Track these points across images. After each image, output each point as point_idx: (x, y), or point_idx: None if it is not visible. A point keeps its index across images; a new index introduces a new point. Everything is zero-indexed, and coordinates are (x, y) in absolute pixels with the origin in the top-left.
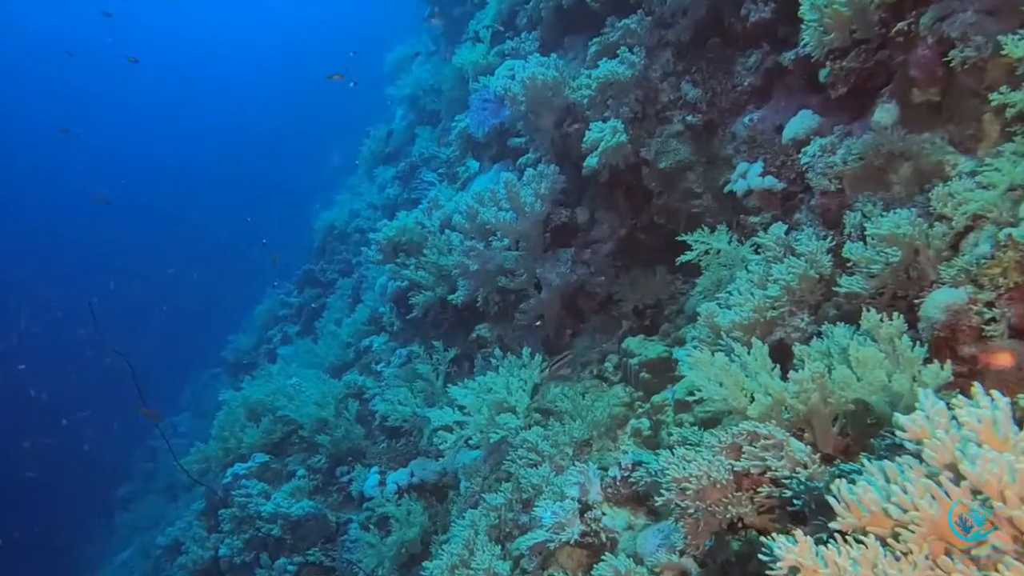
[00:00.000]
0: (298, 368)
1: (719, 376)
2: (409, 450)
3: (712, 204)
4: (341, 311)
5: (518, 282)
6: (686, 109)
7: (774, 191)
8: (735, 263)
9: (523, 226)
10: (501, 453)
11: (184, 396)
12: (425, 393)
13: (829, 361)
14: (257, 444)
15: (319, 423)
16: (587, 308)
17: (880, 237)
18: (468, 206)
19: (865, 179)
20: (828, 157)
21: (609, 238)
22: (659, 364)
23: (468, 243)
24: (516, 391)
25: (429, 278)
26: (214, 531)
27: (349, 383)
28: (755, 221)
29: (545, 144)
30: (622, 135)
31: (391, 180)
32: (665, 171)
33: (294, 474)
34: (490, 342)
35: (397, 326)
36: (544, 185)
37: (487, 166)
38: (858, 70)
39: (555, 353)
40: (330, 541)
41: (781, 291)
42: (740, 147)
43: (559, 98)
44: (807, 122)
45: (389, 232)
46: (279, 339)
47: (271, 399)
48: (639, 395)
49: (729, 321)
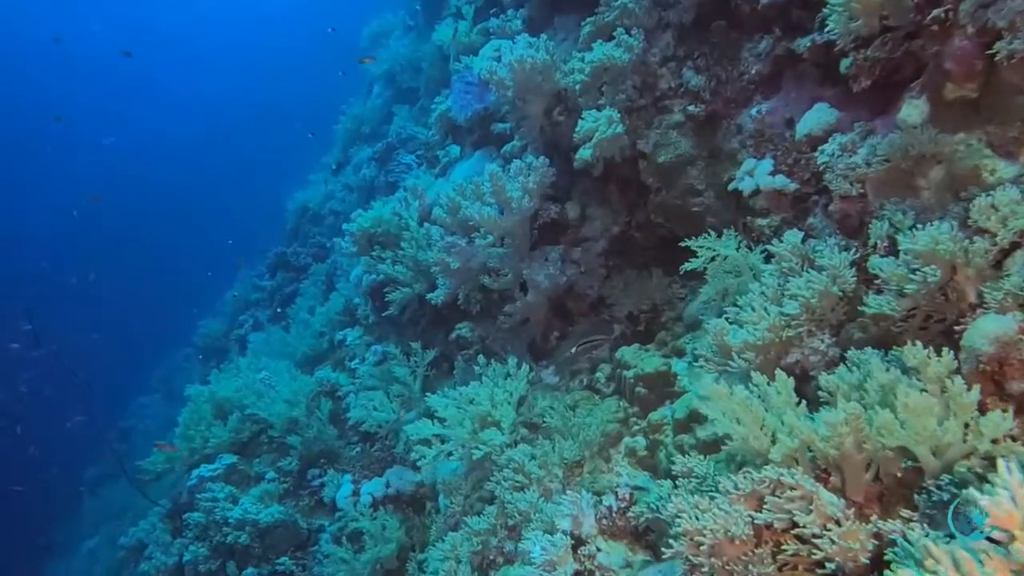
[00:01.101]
0: (269, 360)
1: (737, 412)
2: (384, 456)
3: (714, 202)
4: (314, 298)
5: (503, 282)
6: (687, 98)
7: (785, 192)
8: (743, 270)
9: (509, 223)
10: (484, 470)
11: (156, 376)
12: (402, 398)
13: (861, 396)
14: (224, 444)
15: (290, 423)
16: (576, 310)
17: (916, 253)
18: (449, 199)
19: (890, 183)
20: (848, 157)
21: (601, 236)
22: (656, 378)
23: (449, 239)
24: (501, 404)
25: (407, 273)
26: (178, 535)
27: (321, 380)
28: (763, 224)
29: (533, 133)
30: (618, 126)
31: (367, 161)
32: (664, 166)
33: (263, 476)
34: (471, 343)
35: (372, 319)
36: (532, 179)
37: (469, 152)
38: (884, 61)
39: (542, 357)
40: (301, 549)
41: (799, 309)
42: (746, 141)
43: (549, 83)
44: (824, 117)
45: (364, 223)
46: (250, 325)
47: (239, 396)
48: (634, 411)
49: (741, 341)
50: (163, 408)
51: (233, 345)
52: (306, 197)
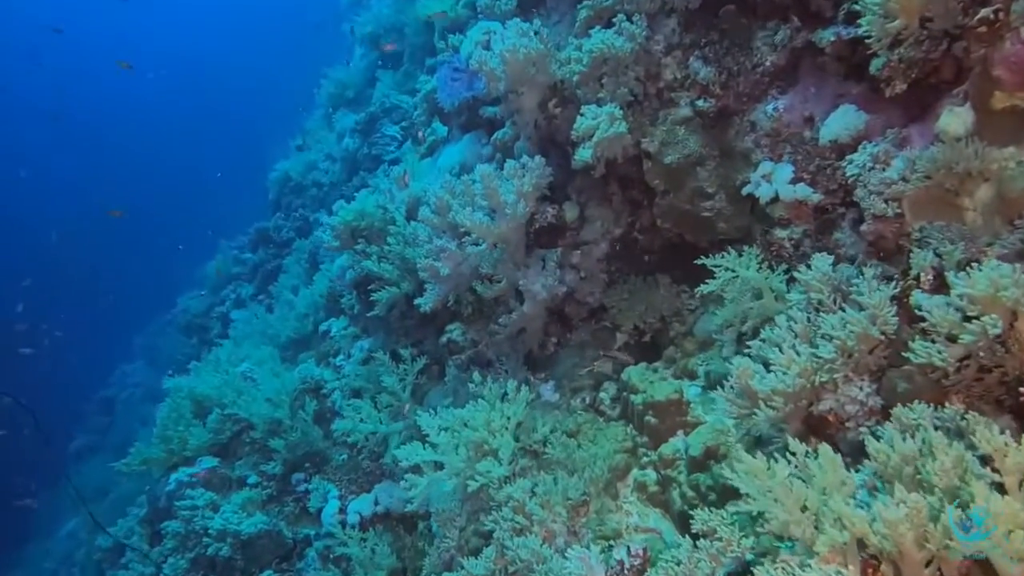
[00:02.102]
0: (251, 348)
1: (777, 493)
2: (373, 469)
3: (726, 206)
4: (298, 277)
5: (496, 289)
6: (695, 91)
7: (808, 203)
8: (764, 292)
9: (502, 229)
10: (480, 500)
11: (138, 342)
12: (391, 408)
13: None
14: (204, 446)
15: (272, 424)
16: (575, 315)
17: (972, 298)
18: (437, 197)
19: (930, 203)
20: (882, 171)
21: (602, 239)
22: (668, 407)
23: (438, 242)
24: (499, 431)
25: (393, 272)
26: (157, 542)
27: (305, 377)
28: (783, 236)
29: (528, 128)
30: (621, 124)
31: (350, 131)
32: (671, 167)
33: (245, 480)
34: (463, 347)
35: (358, 310)
36: (528, 180)
37: (457, 135)
38: (921, 62)
39: (539, 368)
40: (286, 560)
41: (834, 352)
42: (761, 140)
43: (544, 75)
44: (851, 121)
45: (346, 216)
46: (233, 301)
47: (218, 393)
48: (643, 440)
49: (769, 388)
50: (146, 376)
51: (215, 323)
52: (288, 167)
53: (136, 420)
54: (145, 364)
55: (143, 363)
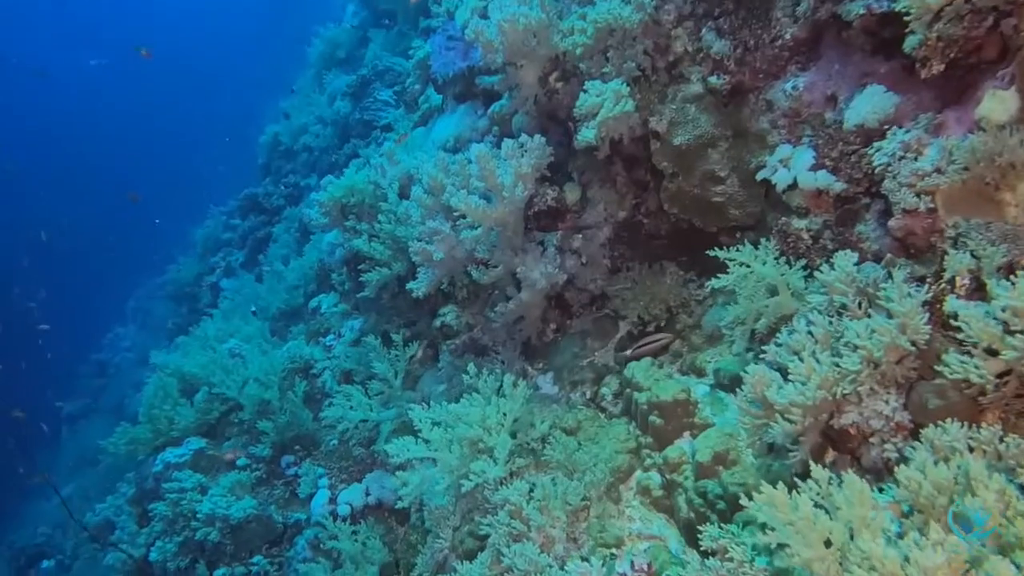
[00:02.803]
0: (240, 322)
1: (800, 527)
2: (364, 456)
3: (738, 191)
4: (288, 246)
5: (492, 275)
6: (708, 66)
7: (829, 192)
8: (780, 289)
9: (499, 213)
10: (475, 499)
11: (130, 305)
12: (382, 396)
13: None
14: (191, 427)
15: (261, 405)
16: (576, 302)
17: (1018, 310)
18: (430, 176)
19: (968, 198)
20: (914, 161)
21: (605, 223)
22: (674, 408)
23: (432, 224)
24: (494, 428)
25: (384, 252)
26: (145, 523)
27: (294, 356)
28: (801, 226)
29: (527, 104)
30: (628, 102)
31: (341, 95)
32: (681, 148)
33: (233, 462)
34: (458, 331)
35: (348, 287)
36: (527, 162)
37: (451, 105)
38: (962, 40)
39: (537, 356)
40: (276, 545)
41: (860, 364)
42: (779, 121)
43: (545, 46)
44: (880, 103)
45: (336, 192)
46: (223, 270)
47: (206, 372)
48: (647, 441)
49: (787, 400)
50: (139, 340)
51: (205, 292)
52: (278, 130)
53: (129, 384)
54: (137, 328)
55: (135, 327)
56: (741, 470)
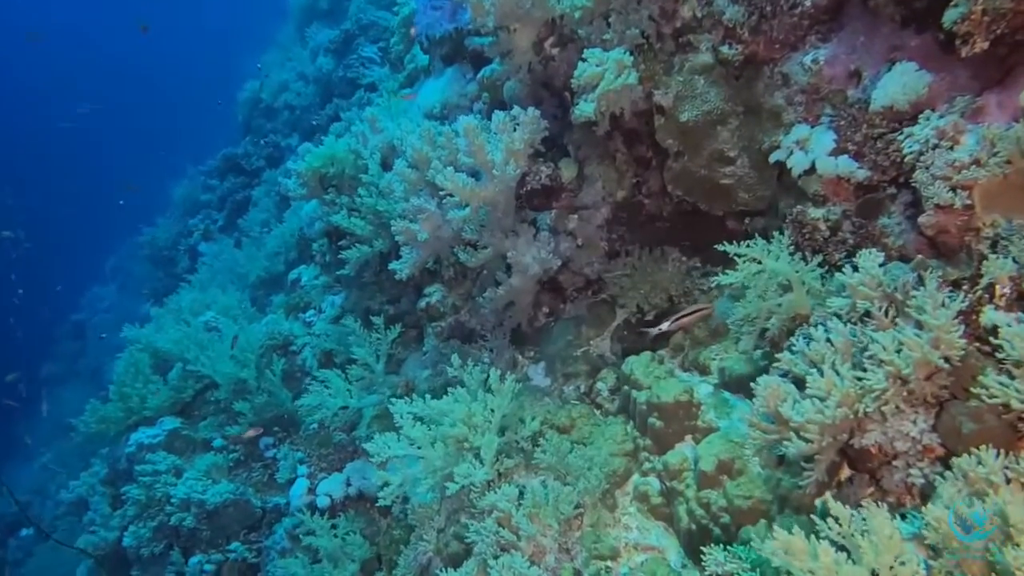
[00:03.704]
0: (217, 292)
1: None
2: (345, 444)
3: (748, 173)
4: (267, 210)
5: (481, 257)
6: (719, 34)
7: (850, 180)
8: (794, 286)
9: (489, 192)
10: (460, 501)
11: (110, 263)
12: (363, 381)
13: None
14: (165, 405)
15: (237, 384)
16: (570, 285)
17: None
18: (415, 149)
19: (1010, 194)
20: (949, 151)
21: (603, 203)
22: (675, 410)
23: (416, 201)
24: (481, 427)
25: (365, 227)
26: (119, 504)
27: (272, 332)
28: (817, 216)
29: (520, 72)
30: (631, 74)
31: (324, 50)
32: (688, 125)
33: (210, 443)
34: (444, 313)
35: (329, 258)
36: (519, 137)
37: (438, 67)
38: (1010, 15)
39: (528, 342)
40: (254, 530)
41: (886, 380)
42: (795, 97)
43: (541, 9)
44: (911, 83)
45: (314, 162)
46: (201, 233)
47: (180, 348)
48: (646, 443)
49: (804, 418)
50: (118, 301)
51: (183, 256)
52: (257, 87)
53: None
54: (117, 288)
55: (115, 287)
56: (747, 482)
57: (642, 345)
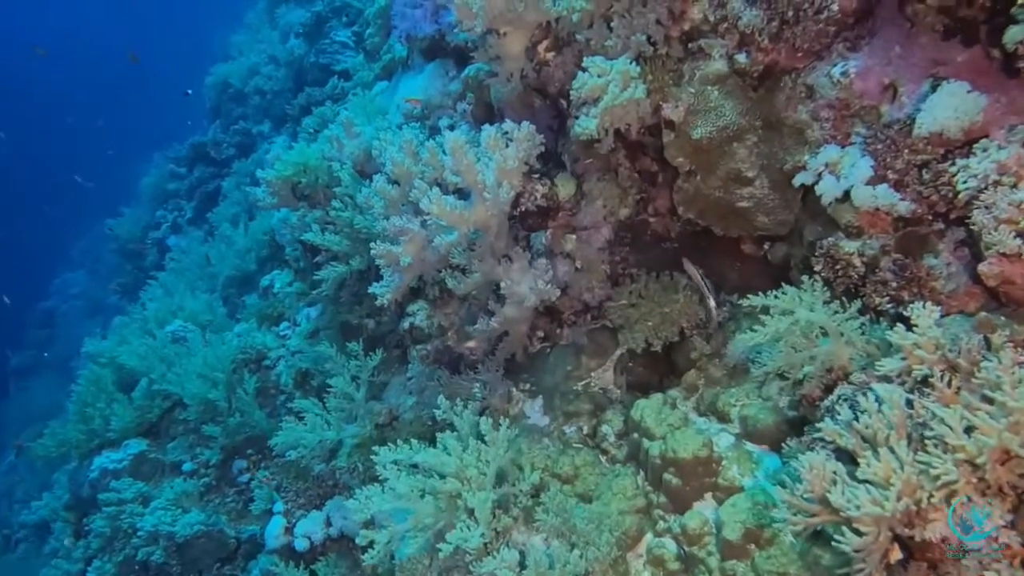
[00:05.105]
0: (185, 294)
1: None
2: (325, 476)
3: (768, 194)
4: (238, 204)
5: (470, 283)
6: (734, 40)
7: (891, 213)
8: (831, 334)
9: (480, 215)
10: (454, 560)
11: (78, 247)
12: (343, 413)
13: None
14: (130, 427)
15: (206, 406)
16: (567, 308)
17: None
18: (395, 162)
19: None
20: (1014, 191)
21: (604, 223)
22: (694, 465)
23: (397, 222)
24: (475, 482)
25: (341, 243)
26: (82, 534)
27: (244, 346)
28: (851, 251)
29: (512, 81)
30: (639, 87)
31: (295, 33)
32: (701, 142)
33: (179, 466)
34: (429, 335)
35: (303, 264)
36: (512, 155)
37: (418, 62)
38: None
39: (522, 371)
40: (228, 562)
41: (955, 473)
42: (821, 112)
43: (535, 12)
44: (965, 106)
45: (284, 170)
46: (169, 224)
47: (145, 365)
48: (660, 500)
49: (861, 511)
50: (88, 287)
51: (151, 250)
52: (227, 71)
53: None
54: (86, 274)
55: (84, 272)
56: (780, 554)
57: (648, 379)
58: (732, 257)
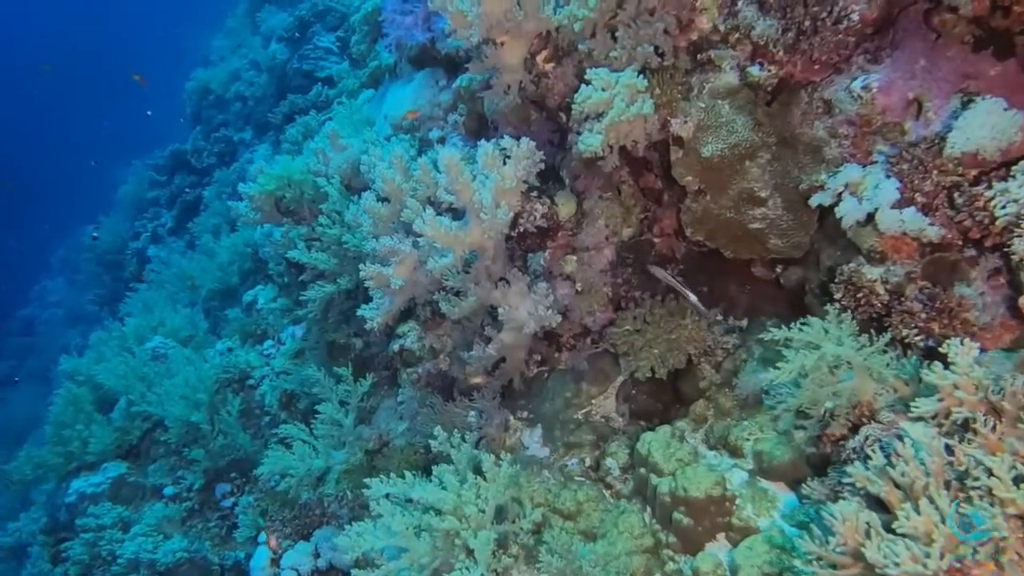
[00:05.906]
0: (166, 308)
1: None
2: (313, 504)
3: (782, 215)
4: (220, 214)
5: (465, 307)
6: (746, 51)
7: (919, 238)
8: (857, 369)
9: (476, 237)
10: None
11: (57, 256)
12: (332, 439)
13: None
14: (109, 449)
15: (188, 428)
16: (566, 331)
17: None
18: (386, 181)
19: None
20: None
21: (606, 243)
22: (707, 504)
23: (387, 242)
24: (473, 520)
25: (328, 262)
26: (59, 560)
27: (227, 365)
28: (874, 277)
29: (510, 95)
30: (647, 101)
31: (277, 38)
32: (711, 160)
33: (160, 490)
34: (420, 358)
35: (288, 280)
36: (511, 173)
37: (406, 70)
38: None
39: (520, 398)
40: None
41: (1004, 521)
42: (840, 129)
43: (534, 21)
44: (1002, 125)
45: (268, 184)
46: (149, 235)
47: (124, 385)
48: (670, 539)
49: (898, 568)
50: (67, 295)
51: (130, 260)
52: (207, 77)
53: (58, 346)
54: (65, 282)
55: (63, 280)
56: None
57: (653, 407)
58: (742, 280)
